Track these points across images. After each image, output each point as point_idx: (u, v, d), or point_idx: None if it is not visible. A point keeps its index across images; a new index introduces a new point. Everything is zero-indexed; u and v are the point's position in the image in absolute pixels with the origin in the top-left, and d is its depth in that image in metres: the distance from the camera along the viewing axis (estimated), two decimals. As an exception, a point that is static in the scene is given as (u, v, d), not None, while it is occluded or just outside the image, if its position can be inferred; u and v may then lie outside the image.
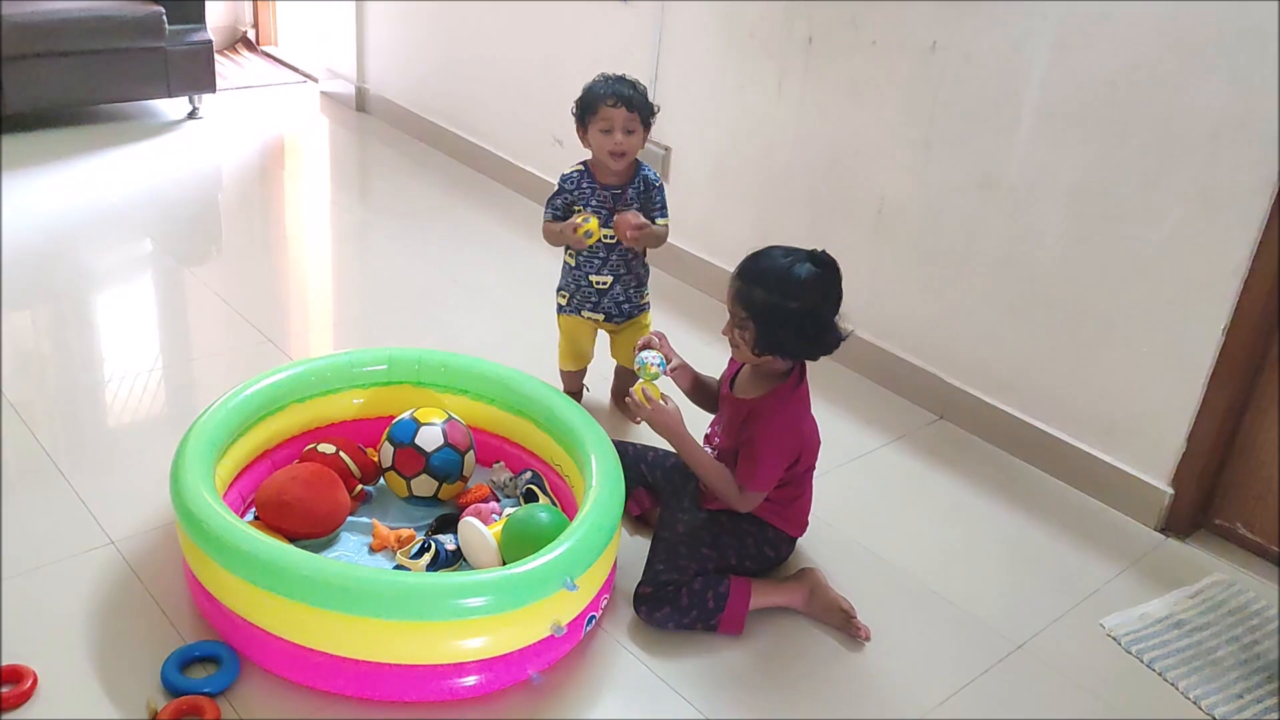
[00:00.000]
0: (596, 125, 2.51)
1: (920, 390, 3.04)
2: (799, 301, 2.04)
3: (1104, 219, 2.56)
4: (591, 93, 2.53)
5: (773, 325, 2.07)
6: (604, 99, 2.50)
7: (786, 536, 2.28)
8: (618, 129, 2.50)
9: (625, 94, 2.50)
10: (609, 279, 2.66)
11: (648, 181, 2.63)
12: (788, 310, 2.05)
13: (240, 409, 2.26)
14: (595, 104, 2.51)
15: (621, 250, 2.62)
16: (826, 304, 2.09)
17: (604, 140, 2.52)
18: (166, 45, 4.46)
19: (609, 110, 2.49)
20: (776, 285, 2.05)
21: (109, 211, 3.82)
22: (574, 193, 2.61)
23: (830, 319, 2.10)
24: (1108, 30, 2.46)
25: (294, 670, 1.93)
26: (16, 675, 1.86)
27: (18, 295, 3.19)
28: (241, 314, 3.19)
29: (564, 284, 2.73)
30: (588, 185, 2.60)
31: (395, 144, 4.74)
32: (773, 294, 2.05)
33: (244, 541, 1.90)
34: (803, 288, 2.04)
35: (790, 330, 2.08)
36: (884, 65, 2.91)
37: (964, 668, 2.14)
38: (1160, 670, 2.18)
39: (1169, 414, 2.56)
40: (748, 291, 2.09)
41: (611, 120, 2.49)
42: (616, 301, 2.69)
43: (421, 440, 2.29)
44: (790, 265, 2.06)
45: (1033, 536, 2.58)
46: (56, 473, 2.43)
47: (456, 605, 1.86)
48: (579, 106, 2.56)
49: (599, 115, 2.50)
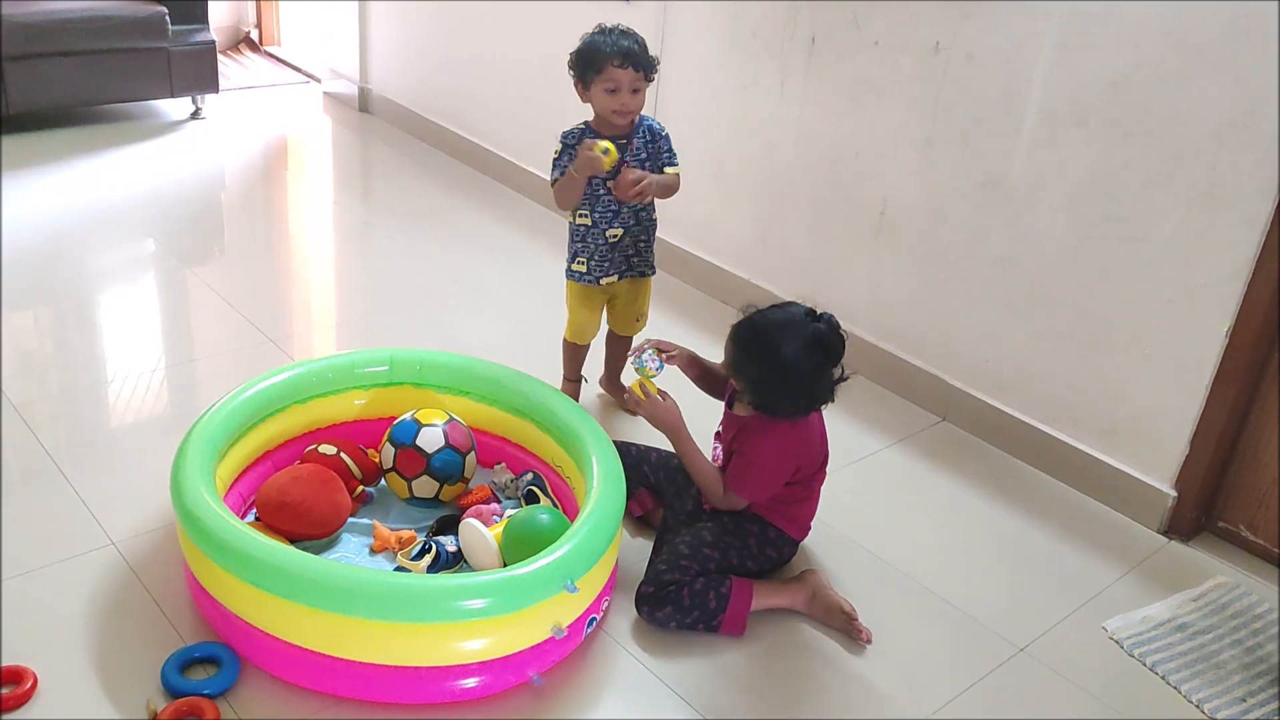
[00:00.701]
0: (601, 85, 2.43)
1: (922, 392, 3.04)
2: (790, 376, 2.07)
3: (1106, 220, 2.55)
4: (595, 50, 2.43)
5: (765, 395, 2.12)
6: (610, 58, 2.41)
7: (789, 538, 2.28)
8: (624, 89, 2.43)
9: (633, 52, 2.42)
10: (620, 231, 2.60)
11: (653, 131, 2.58)
12: (779, 384, 2.08)
13: (241, 410, 2.26)
14: (600, 63, 2.42)
15: (616, 204, 2.57)
16: (820, 373, 2.10)
17: (609, 100, 2.44)
18: (169, 45, 4.47)
19: (616, 71, 2.41)
20: (767, 362, 2.08)
21: (111, 211, 3.82)
22: (577, 147, 2.51)
23: (826, 381, 2.11)
24: (1111, 31, 2.45)
25: (294, 672, 1.92)
26: (17, 676, 1.86)
27: (20, 295, 3.19)
28: (243, 314, 3.19)
29: (580, 249, 2.63)
30: (591, 139, 2.50)
31: (397, 144, 4.74)
32: (763, 369, 2.09)
33: (244, 543, 1.90)
34: (793, 369, 2.07)
35: (784, 399, 2.11)
36: (886, 65, 2.90)
37: (966, 670, 2.14)
38: (1163, 674, 2.17)
39: (1172, 416, 2.55)
40: (740, 364, 2.13)
41: (618, 81, 2.42)
42: (626, 255, 2.64)
43: (423, 441, 2.29)
44: (781, 341, 2.06)
45: (1035, 539, 2.57)
46: (58, 473, 2.43)
47: (457, 607, 1.86)
48: (579, 63, 2.46)
49: (605, 75, 2.42)
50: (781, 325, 2.10)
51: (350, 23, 4.91)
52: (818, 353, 2.08)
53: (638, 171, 2.51)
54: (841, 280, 3.17)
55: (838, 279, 3.18)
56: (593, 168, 2.46)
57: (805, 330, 2.08)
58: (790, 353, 2.06)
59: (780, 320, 2.11)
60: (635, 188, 2.48)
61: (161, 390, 2.85)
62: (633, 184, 2.48)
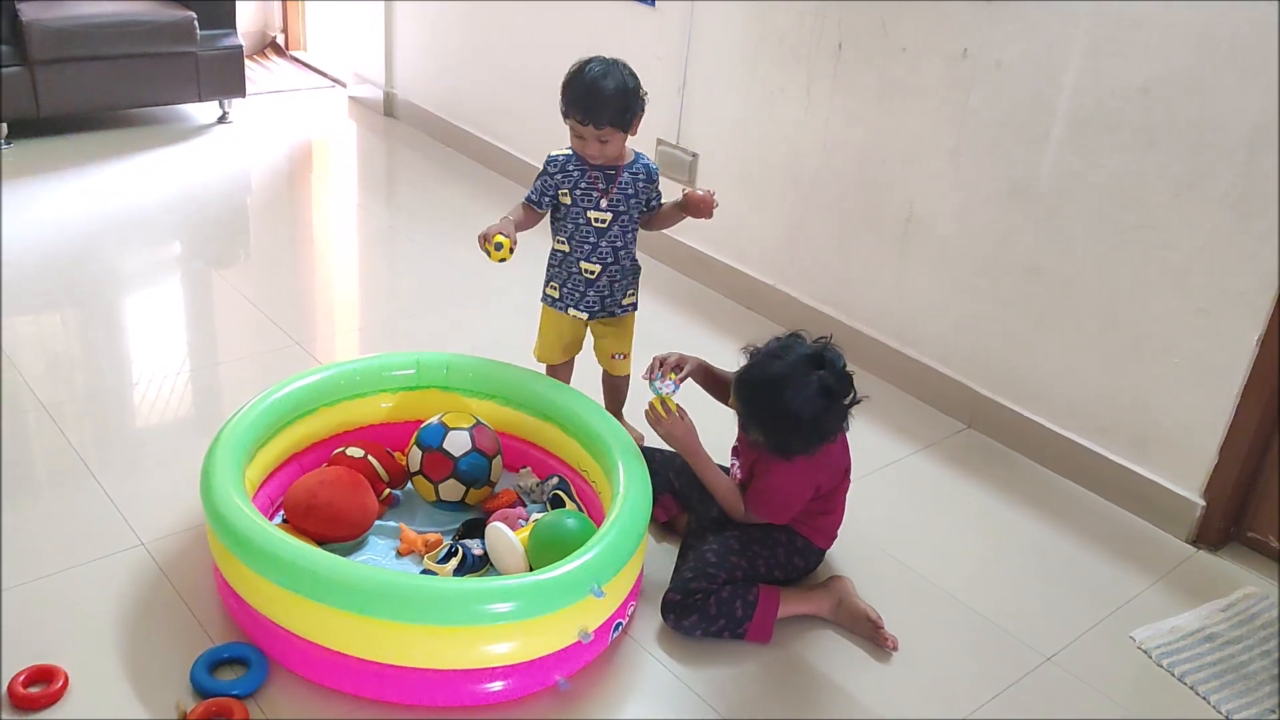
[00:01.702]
0: (568, 126, 2.37)
1: (948, 399, 3.03)
2: (799, 425, 2.07)
3: (1136, 227, 2.54)
4: (567, 91, 2.33)
5: (777, 442, 2.12)
6: (573, 110, 2.32)
7: (815, 547, 2.28)
8: (589, 139, 2.35)
9: (594, 107, 2.29)
10: (597, 268, 2.48)
11: (648, 172, 2.47)
12: (789, 433, 2.09)
13: (269, 412, 2.27)
14: (565, 109, 2.34)
15: (610, 237, 2.46)
16: (829, 412, 2.09)
17: (576, 143, 2.39)
18: (198, 50, 4.50)
19: (578, 125, 2.34)
20: (775, 416, 2.08)
21: (140, 214, 3.85)
22: (558, 175, 2.43)
23: (836, 413, 2.10)
24: (1141, 37, 2.44)
25: (321, 673, 1.93)
26: (48, 675, 1.88)
27: (49, 297, 3.22)
28: (270, 317, 3.21)
29: (554, 274, 2.55)
30: (575, 167, 2.42)
31: (422, 148, 4.76)
32: (772, 423, 2.10)
33: (274, 545, 1.91)
34: (801, 418, 2.06)
35: (796, 442, 2.10)
36: (914, 72, 2.89)
37: (992, 679, 2.13)
38: (1192, 684, 2.15)
39: (1201, 425, 2.53)
40: (749, 419, 2.16)
41: (582, 133, 2.35)
42: (601, 295, 2.52)
43: (450, 445, 2.29)
44: (786, 396, 2.05)
45: (1061, 547, 2.56)
46: (87, 474, 2.45)
47: (485, 610, 1.86)
48: (560, 95, 2.35)
49: (568, 121, 2.35)
50: (783, 379, 2.06)
51: (376, 27, 4.93)
52: (824, 399, 2.06)
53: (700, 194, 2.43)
54: (867, 286, 3.17)
55: (863, 285, 3.18)
56: (483, 250, 2.35)
57: (809, 381, 2.05)
58: (797, 406, 2.05)
59: (782, 374, 2.07)
60: (709, 203, 2.42)
61: (188, 392, 2.88)
62: (706, 201, 2.42)
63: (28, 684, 1.86)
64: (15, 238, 3.51)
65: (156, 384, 2.86)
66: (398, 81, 5.00)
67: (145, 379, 2.88)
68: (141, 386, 2.85)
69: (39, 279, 3.29)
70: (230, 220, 4.02)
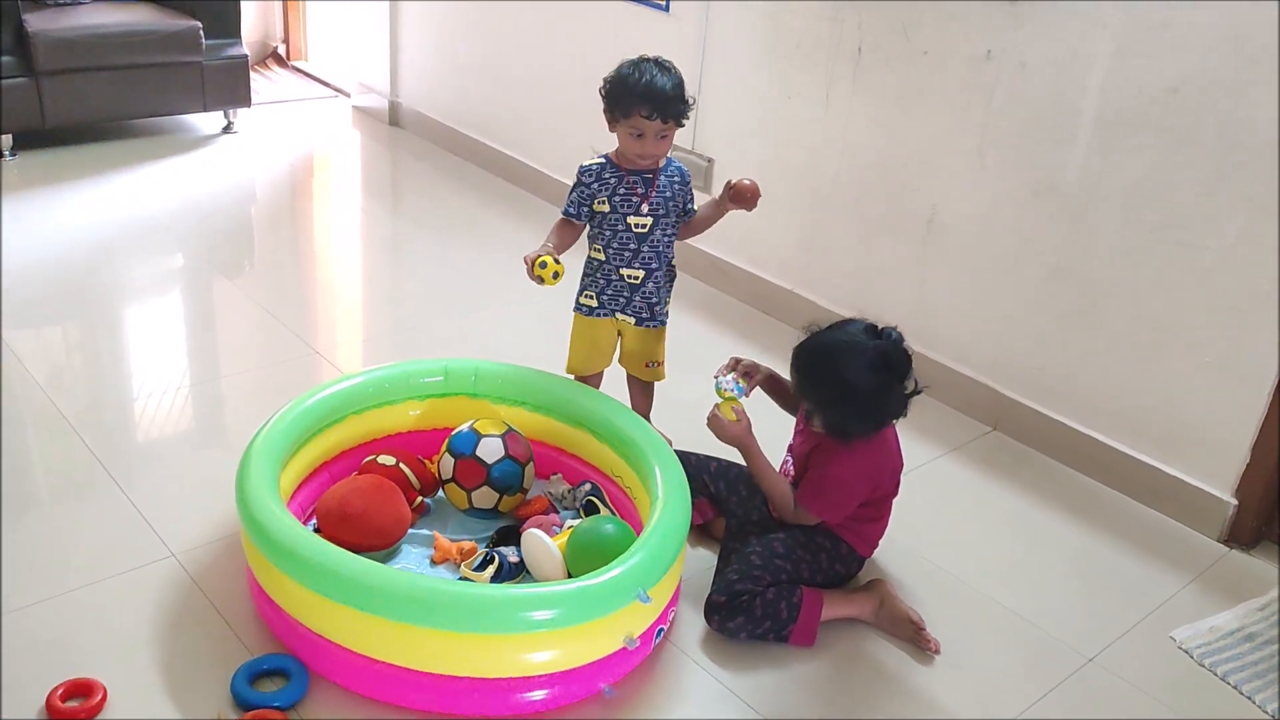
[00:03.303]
0: (626, 127, 2.30)
1: (972, 401, 3.02)
2: (855, 398, 2.06)
3: (1163, 226, 2.53)
4: (626, 90, 2.27)
5: (833, 418, 2.10)
6: (639, 106, 2.26)
7: (858, 555, 2.26)
8: (650, 136, 2.29)
9: (664, 100, 2.25)
10: (640, 273, 2.44)
11: (682, 175, 2.45)
12: (846, 407, 2.08)
13: (301, 420, 2.25)
14: (628, 107, 2.27)
15: (652, 242, 2.42)
16: (888, 390, 2.08)
17: (632, 144, 2.32)
18: (203, 60, 4.47)
19: (642, 121, 2.27)
20: (831, 386, 2.07)
21: (147, 225, 3.81)
22: (594, 184, 2.38)
23: (896, 396, 2.09)
24: (1168, 38, 2.44)
25: (362, 683, 1.91)
26: (86, 689, 1.85)
27: (59, 308, 3.19)
28: (283, 325, 3.18)
29: (590, 282, 2.48)
30: (611, 174, 2.37)
31: (429, 157, 4.74)
32: (828, 393, 2.08)
33: (314, 553, 1.88)
34: (858, 390, 2.05)
35: (853, 420, 2.09)
36: (936, 74, 2.89)
37: (1037, 681, 2.11)
38: (1235, 684, 2.15)
39: (1232, 424, 2.53)
40: (805, 390, 2.13)
41: (643, 129, 2.28)
42: (648, 301, 2.47)
43: (483, 452, 2.27)
44: (842, 364, 2.05)
45: (1094, 548, 2.55)
46: (112, 484, 2.42)
47: (531, 618, 1.84)
48: (609, 98, 2.30)
49: (631, 120, 2.28)
50: (841, 346, 2.08)
51: (380, 36, 4.91)
52: (883, 370, 2.05)
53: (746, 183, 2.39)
54: (888, 290, 3.16)
55: (884, 289, 3.17)
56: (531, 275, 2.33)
57: (866, 349, 2.06)
58: (853, 374, 2.04)
59: (839, 341, 2.08)
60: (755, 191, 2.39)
61: (206, 402, 2.85)
62: (753, 189, 2.38)
63: (66, 698, 1.83)
64: (23, 249, 3.48)
65: (172, 394, 2.83)
66: (403, 90, 4.98)
67: (162, 389, 2.85)
68: (158, 396, 2.81)
69: (48, 290, 3.26)
70: (237, 230, 3.99)
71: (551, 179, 4.25)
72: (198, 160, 4.47)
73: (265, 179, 4.49)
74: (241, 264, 3.75)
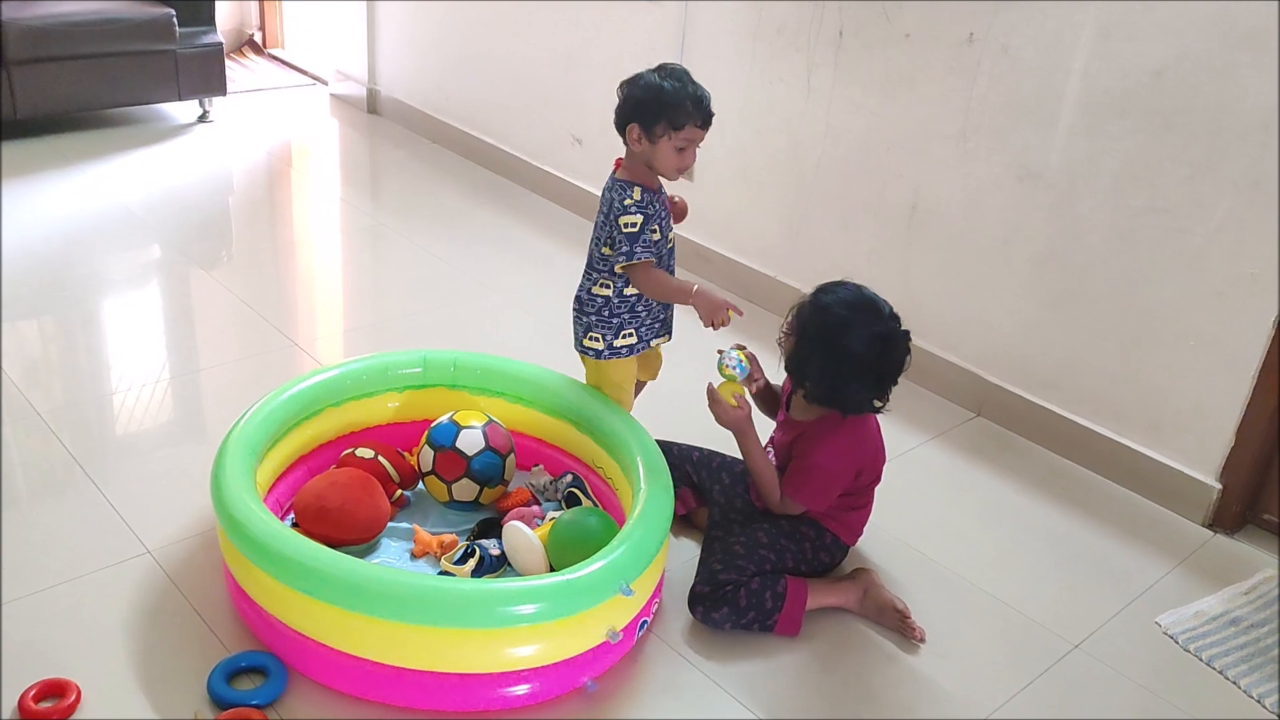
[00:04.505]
0: (674, 141, 2.13)
1: (957, 388, 3.00)
2: (855, 368, 2.03)
3: (1149, 211, 2.52)
4: (675, 104, 2.11)
5: (828, 387, 2.07)
6: (693, 117, 2.12)
7: (842, 543, 2.25)
8: (693, 147, 2.18)
9: (709, 111, 2.16)
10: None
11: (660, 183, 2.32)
12: (846, 379, 2.04)
13: (277, 413, 2.22)
14: (681, 121, 2.12)
15: (671, 250, 2.33)
16: (886, 367, 2.07)
17: (675, 159, 2.16)
18: (177, 48, 4.41)
19: (697, 131, 2.14)
20: (831, 355, 2.04)
21: (122, 216, 3.76)
22: (652, 217, 2.20)
23: (891, 367, 2.07)
24: (1153, 19, 2.42)
25: (342, 680, 1.88)
26: (60, 689, 1.81)
27: (33, 302, 3.14)
28: (261, 317, 3.14)
29: (628, 319, 2.30)
30: (651, 199, 2.21)
31: (408, 145, 4.69)
32: (829, 362, 2.04)
33: (292, 548, 1.86)
34: (859, 360, 2.03)
35: (851, 387, 2.06)
36: (918, 58, 2.87)
37: (1023, 668, 2.10)
38: (1220, 668, 2.14)
39: (1217, 408, 2.52)
40: (804, 357, 2.08)
41: (694, 141, 2.16)
42: (668, 311, 2.40)
43: (463, 444, 2.24)
44: (844, 335, 2.03)
45: (1079, 534, 2.54)
46: (87, 481, 2.38)
47: (512, 612, 1.82)
48: (647, 112, 2.12)
49: (684, 134, 2.13)
50: (854, 304, 2.06)
51: (358, 24, 4.86)
52: (885, 340, 2.05)
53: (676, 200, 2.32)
54: (872, 276, 3.08)
55: (868, 275, 3.09)
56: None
57: (879, 309, 2.06)
58: (857, 340, 2.02)
59: (852, 299, 2.07)
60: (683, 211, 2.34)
61: (181, 396, 2.81)
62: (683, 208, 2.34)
63: (39, 699, 1.79)
64: (-3, 241, 3.43)
65: (148, 388, 2.79)
66: (381, 78, 4.93)
67: (136, 384, 2.80)
68: (133, 391, 2.77)
69: (21, 284, 3.20)
70: (214, 221, 3.94)
71: (531, 166, 4.22)
72: (173, 150, 4.42)
73: (242, 168, 4.43)
74: (219, 255, 3.70)
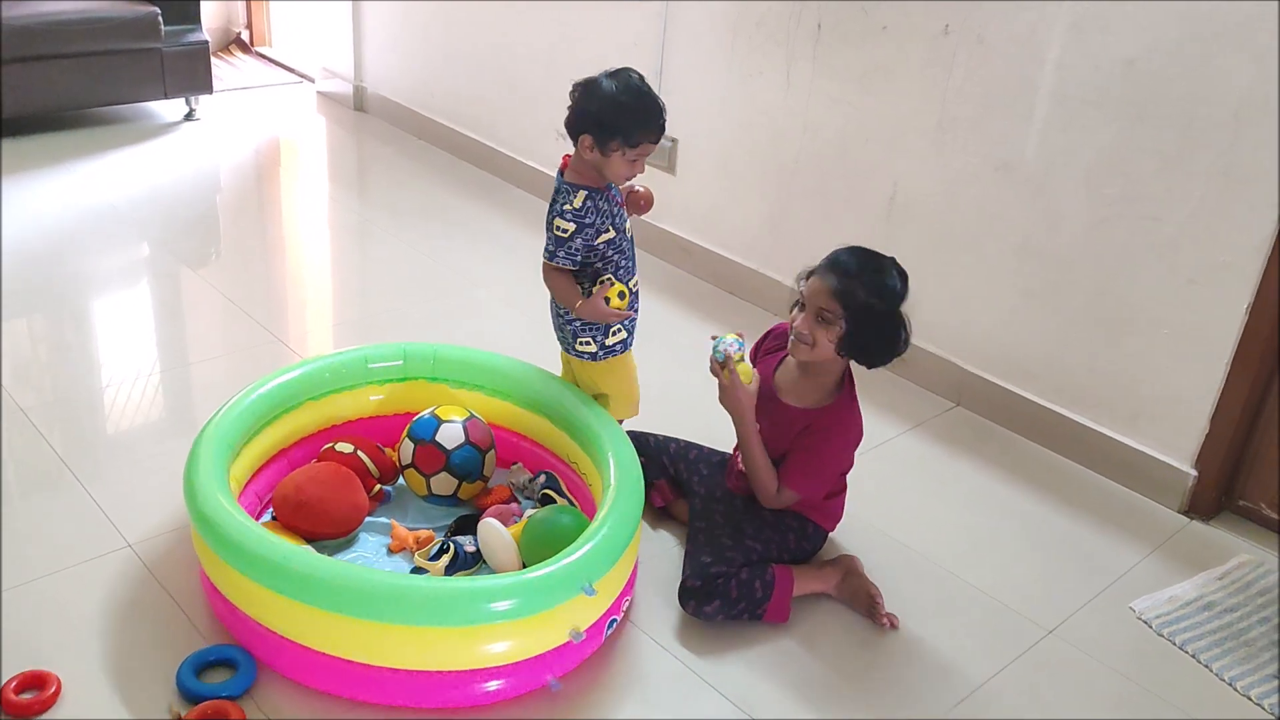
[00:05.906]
0: (627, 154, 2.09)
1: (935, 377, 3.02)
2: (892, 307, 2.05)
3: (1124, 200, 2.53)
4: (631, 120, 2.06)
5: (864, 327, 2.05)
6: (649, 133, 2.09)
7: (823, 531, 2.27)
8: (645, 158, 2.15)
9: (663, 121, 2.12)
10: (637, 276, 2.32)
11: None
12: (882, 314, 2.04)
13: (253, 408, 2.22)
14: (636, 137, 2.07)
15: (631, 239, 2.28)
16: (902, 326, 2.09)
17: (625, 169, 2.13)
18: (162, 47, 4.42)
19: (649, 146, 2.11)
20: (875, 288, 2.03)
21: (110, 215, 3.77)
22: (596, 221, 2.17)
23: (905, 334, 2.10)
24: (1125, 10, 2.43)
25: (311, 676, 1.89)
26: (40, 681, 1.83)
27: (20, 300, 3.15)
28: (246, 314, 3.16)
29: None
30: (599, 199, 2.17)
31: (395, 142, 4.70)
32: (871, 296, 2.03)
33: (260, 546, 1.86)
34: (895, 296, 2.05)
35: (877, 334, 2.06)
36: (895, 50, 2.88)
37: (997, 654, 2.12)
38: (1193, 653, 2.16)
39: (1192, 395, 2.54)
40: (848, 291, 2.02)
41: (645, 154, 2.13)
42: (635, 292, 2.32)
43: (442, 437, 2.25)
44: (884, 271, 2.05)
45: (1055, 521, 2.56)
46: (70, 476, 2.39)
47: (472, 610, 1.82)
48: (603, 127, 2.07)
49: (638, 149, 2.10)
50: (872, 255, 2.08)
51: (344, 21, 4.87)
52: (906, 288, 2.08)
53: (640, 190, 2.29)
54: (851, 268, 3.15)
55: (848, 267, 3.15)
56: (605, 316, 2.19)
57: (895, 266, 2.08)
58: (893, 281, 2.05)
59: (868, 252, 2.08)
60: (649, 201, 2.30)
61: (166, 391, 2.82)
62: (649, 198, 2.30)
63: (20, 690, 1.81)
64: (-18, 240, 3.44)
65: (134, 384, 2.80)
66: (367, 75, 4.94)
67: (122, 379, 2.82)
68: (119, 387, 2.79)
69: (8, 281, 3.21)
70: (201, 219, 3.95)
71: (516, 161, 4.23)
72: (160, 148, 4.42)
73: (229, 166, 4.44)
74: (207, 253, 3.71)
